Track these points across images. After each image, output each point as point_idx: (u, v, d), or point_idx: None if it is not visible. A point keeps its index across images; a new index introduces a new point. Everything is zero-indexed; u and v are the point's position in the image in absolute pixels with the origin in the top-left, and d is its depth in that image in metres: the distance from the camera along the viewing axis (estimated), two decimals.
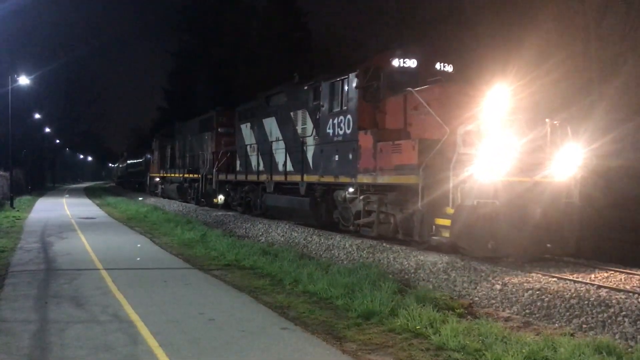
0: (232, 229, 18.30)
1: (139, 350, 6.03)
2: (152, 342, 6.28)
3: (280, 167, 17.50)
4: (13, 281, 9.71)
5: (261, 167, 18.99)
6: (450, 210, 10.20)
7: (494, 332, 6.51)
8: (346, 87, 13.58)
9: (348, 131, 13.42)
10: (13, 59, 39.57)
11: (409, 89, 11.94)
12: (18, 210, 26.50)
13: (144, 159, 47.08)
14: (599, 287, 7.79)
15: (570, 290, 7.68)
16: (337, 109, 13.94)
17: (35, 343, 6.27)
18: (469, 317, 7.54)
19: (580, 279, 8.56)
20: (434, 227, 10.66)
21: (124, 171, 65.25)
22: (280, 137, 17.58)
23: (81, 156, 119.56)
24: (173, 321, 7.22)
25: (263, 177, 18.64)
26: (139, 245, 14.64)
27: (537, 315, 7.52)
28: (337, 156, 13.84)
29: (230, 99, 27.62)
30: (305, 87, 15.88)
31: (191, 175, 27.55)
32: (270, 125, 18.39)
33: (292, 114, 16.83)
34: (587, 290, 7.60)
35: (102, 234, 17.27)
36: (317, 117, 14.94)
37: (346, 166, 13.36)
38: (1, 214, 23.29)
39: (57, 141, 74.84)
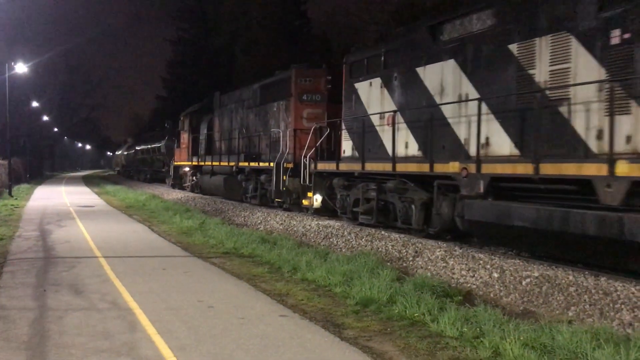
0: (230, 217, 18.31)
1: (138, 337, 6.04)
2: (151, 330, 6.29)
3: (471, 149, 9.98)
4: (12, 269, 9.71)
5: (419, 149, 11.43)
6: None
7: (492, 319, 6.52)
8: None
9: None
10: (10, 46, 39.36)
11: None
12: (16, 199, 26.48)
13: (163, 143, 38.29)
14: (598, 274, 7.80)
15: (568, 277, 7.68)
16: None
17: (34, 330, 6.27)
18: (467, 304, 7.56)
19: (579, 267, 8.56)
20: None
21: (131, 159, 55.06)
22: (474, 93, 10.00)
23: (80, 145, 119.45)
24: (172, 308, 7.23)
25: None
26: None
27: (535, 302, 7.54)
28: None
29: (229, 87, 26.59)
30: None
31: (251, 164, 19.32)
32: (442, 74, 10.82)
33: (514, 47, 9.30)
34: (586, 278, 7.60)
35: (101, 222, 17.26)
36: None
37: None
38: (0, 203, 23.28)
39: (56, 129, 74.76)
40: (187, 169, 29.28)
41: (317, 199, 15.04)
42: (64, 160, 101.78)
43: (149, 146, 44.14)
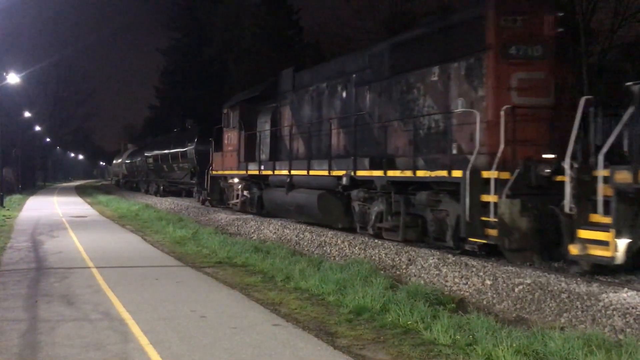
0: (224, 226, 18.26)
1: (130, 348, 6.02)
2: (143, 340, 6.27)
3: None
4: (3, 280, 9.65)
5: None
6: None
7: (485, 326, 6.53)
8: None
9: None
10: (2, 56, 39.27)
11: None
12: (8, 209, 26.34)
13: (192, 147, 29.08)
14: (589, 281, 7.84)
15: (560, 284, 7.72)
16: None
17: (25, 342, 6.23)
18: (460, 312, 7.57)
19: (570, 274, 8.59)
20: None
21: (137, 167, 44.85)
22: None
23: (72, 155, 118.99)
24: (164, 319, 7.21)
25: None
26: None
27: (527, 309, 7.56)
28: None
29: (222, 97, 25.76)
30: None
31: (390, 174, 11.28)
32: None
33: None
34: (578, 285, 7.64)
35: (93, 232, 17.18)
36: None
37: None
38: None
39: (48, 140, 74.44)
40: (235, 180, 20.91)
41: (619, 246, 7.67)
42: (56, 170, 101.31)
43: (168, 151, 34.05)
